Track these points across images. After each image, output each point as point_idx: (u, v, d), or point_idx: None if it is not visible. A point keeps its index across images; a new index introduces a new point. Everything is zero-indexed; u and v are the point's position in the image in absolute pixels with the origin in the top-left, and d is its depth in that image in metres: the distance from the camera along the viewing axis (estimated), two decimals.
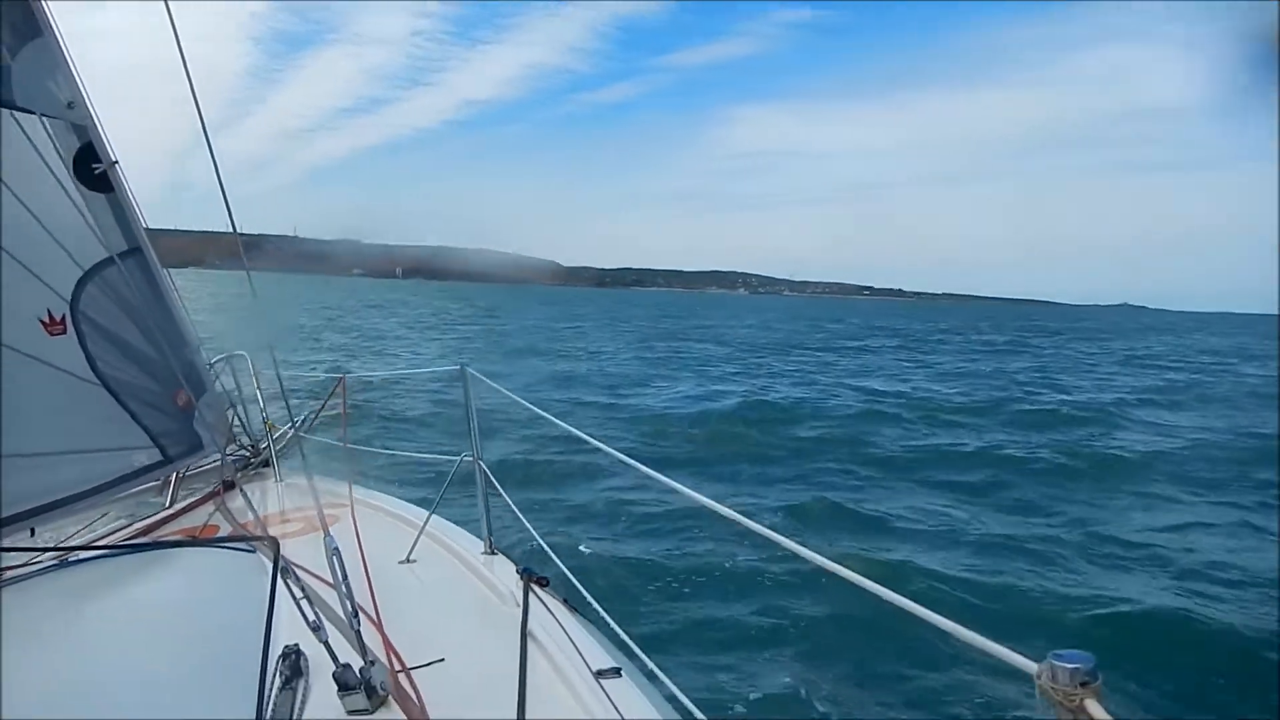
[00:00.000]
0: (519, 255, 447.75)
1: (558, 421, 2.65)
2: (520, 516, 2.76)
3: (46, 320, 2.92)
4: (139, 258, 3.17)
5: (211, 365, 3.78)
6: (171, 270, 3.40)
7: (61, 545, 3.03)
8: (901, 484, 9.87)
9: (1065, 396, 18.99)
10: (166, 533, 3.20)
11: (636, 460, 2.12)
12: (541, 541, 2.67)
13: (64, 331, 2.93)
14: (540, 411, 2.67)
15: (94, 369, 3.03)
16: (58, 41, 2.86)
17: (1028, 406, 16.73)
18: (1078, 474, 10.59)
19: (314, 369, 15.97)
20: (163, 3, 2.42)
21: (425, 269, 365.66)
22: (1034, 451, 11.81)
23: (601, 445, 2.34)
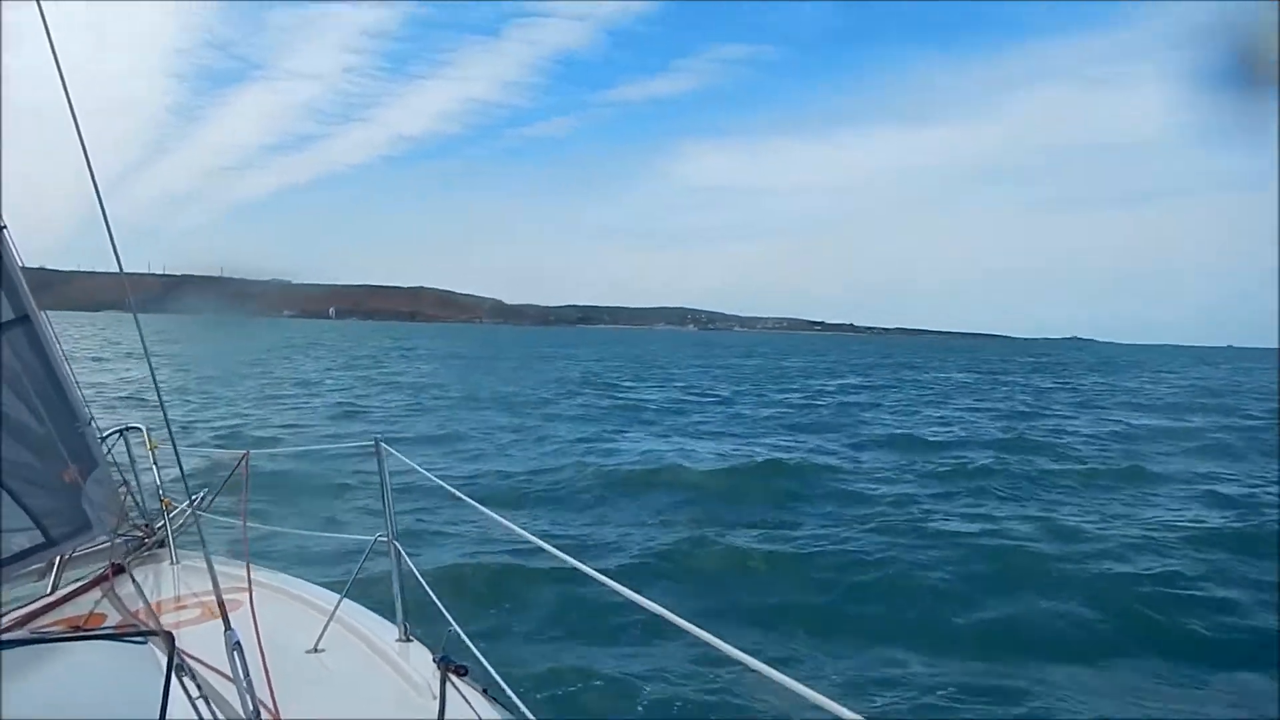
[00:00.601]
0: (458, 293, 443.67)
1: (476, 504, 2.62)
2: (436, 601, 2.70)
3: None
4: (27, 327, 3.02)
5: (104, 438, 3.61)
6: (89, 313, 3.24)
7: None
8: None
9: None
10: (47, 623, 3.04)
11: (559, 549, 2.10)
12: (459, 629, 2.62)
13: None
14: (456, 491, 2.63)
15: None
16: None
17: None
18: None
19: (216, 437, 15.63)
20: (47, 44, 2.34)
21: (360, 308, 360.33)
22: None
23: (517, 529, 2.30)
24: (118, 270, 2.59)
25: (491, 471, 13.44)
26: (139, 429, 3.91)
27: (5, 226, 2.86)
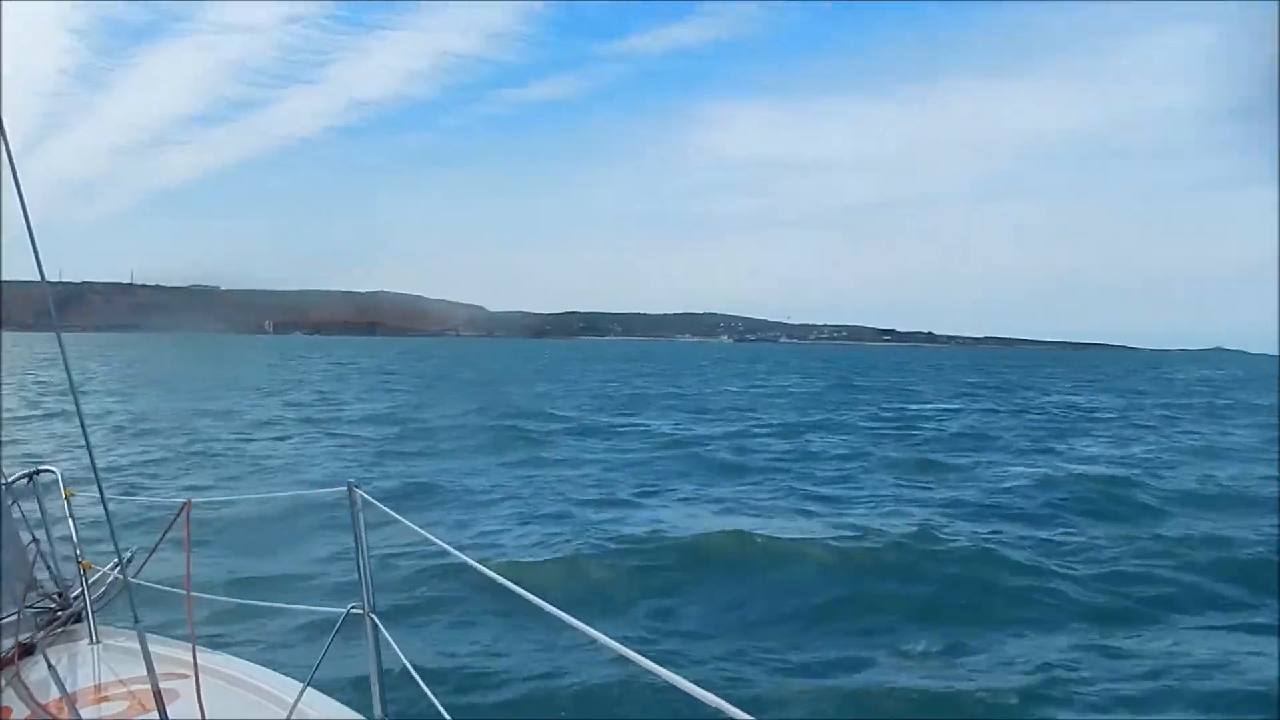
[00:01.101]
0: (428, 299, 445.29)
1: (477, 565, 2.71)
2: (422, 684, 2.78)
3: None
4: None
5: (8, 485, 3.74)
6: None
7: None
8: None
9: None
10: None
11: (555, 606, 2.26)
12: (445, 713, 2.70)
13: None
14: (442, 543, 2.73)
15: None
16: None
17: None
18: None
19: (151, 484, 15.91)
20: None
21: (305, 320, 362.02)
22: None
23: (512, 586, 2.40)
24: (33, 276, 2.72)
25: None
26: (51, 471, 3.93)
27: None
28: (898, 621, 9.68)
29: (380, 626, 2.97)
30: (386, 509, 3.33)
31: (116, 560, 3.48)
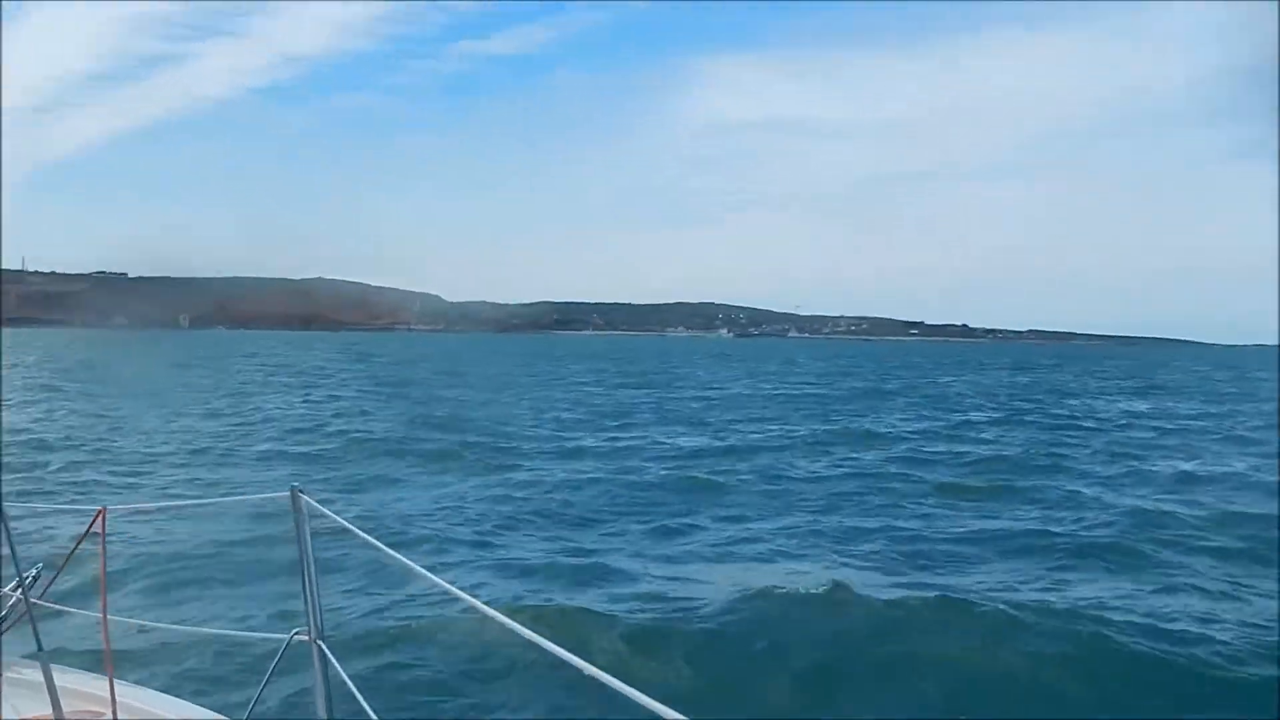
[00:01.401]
0: (374, 287, 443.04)
1: (411, 563, 2.75)
2: (367, 708, 2.79)
3: None
4: None
5: None
6: None
7: None
8: None
9: None
10: None
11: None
12: None
13: None
14: (387, 549, 2.77)
15: None
16: None
17: None
18: None
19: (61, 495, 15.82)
20: None
21: (227, 313, 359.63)
22: None
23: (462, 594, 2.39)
24: None
25: None
26: None
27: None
28: None
29: (329, 655, 2.99)
30: (339, 518, 3.39)
31: (17, 580, 3.48)
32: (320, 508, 3.30)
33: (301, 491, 3.22)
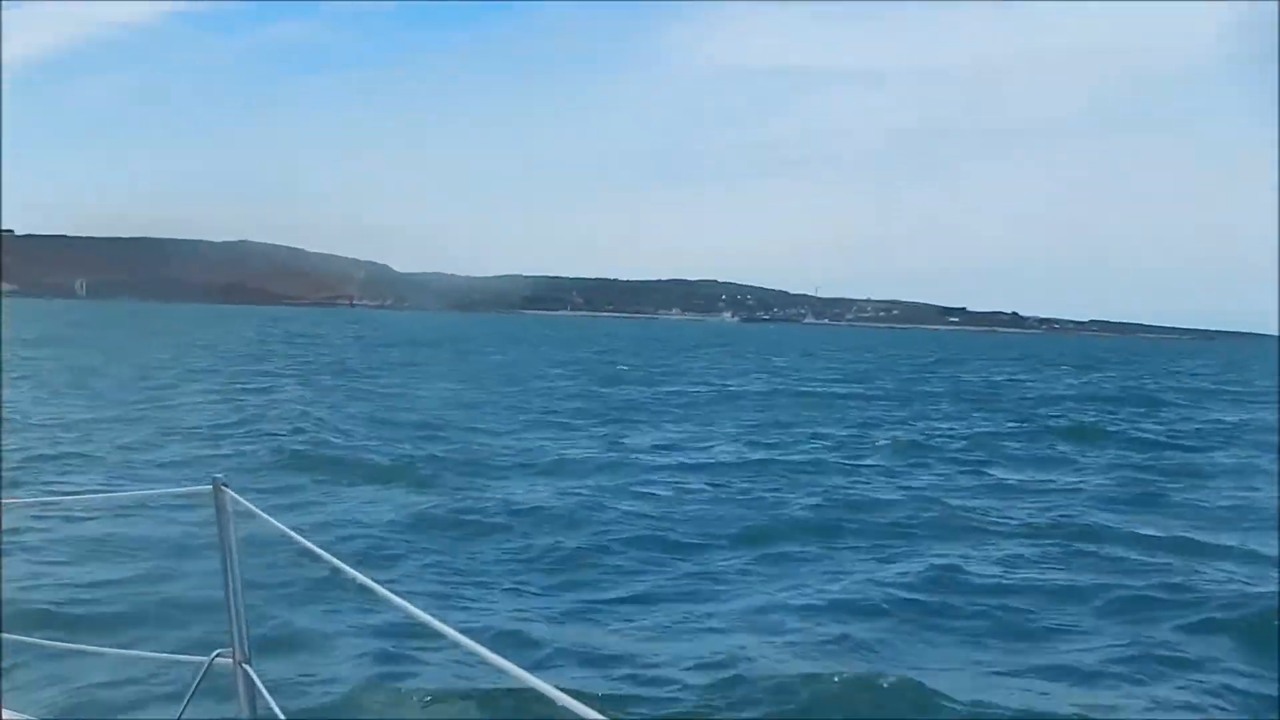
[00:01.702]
0: (310, 253, 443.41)
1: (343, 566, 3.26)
2: None
3: None
4: None
5: None
6: None
7: None
8: None
9: None
10: None
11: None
12: None
13: None
14: (325, 554, 3.26)
15: None
16: None
17: None
18: None
19: None
20: None
21: (134, 281, 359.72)
22: None
23: (414, 610, 2.89)
24: None
25: None
26: None
27: None
28: None
29: (254, 677, 3.16)
30: (270, 518, 3.57)
31: None
32: (247, 504, 3.51)
33: (225, 485, 3.38)
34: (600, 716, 2.30)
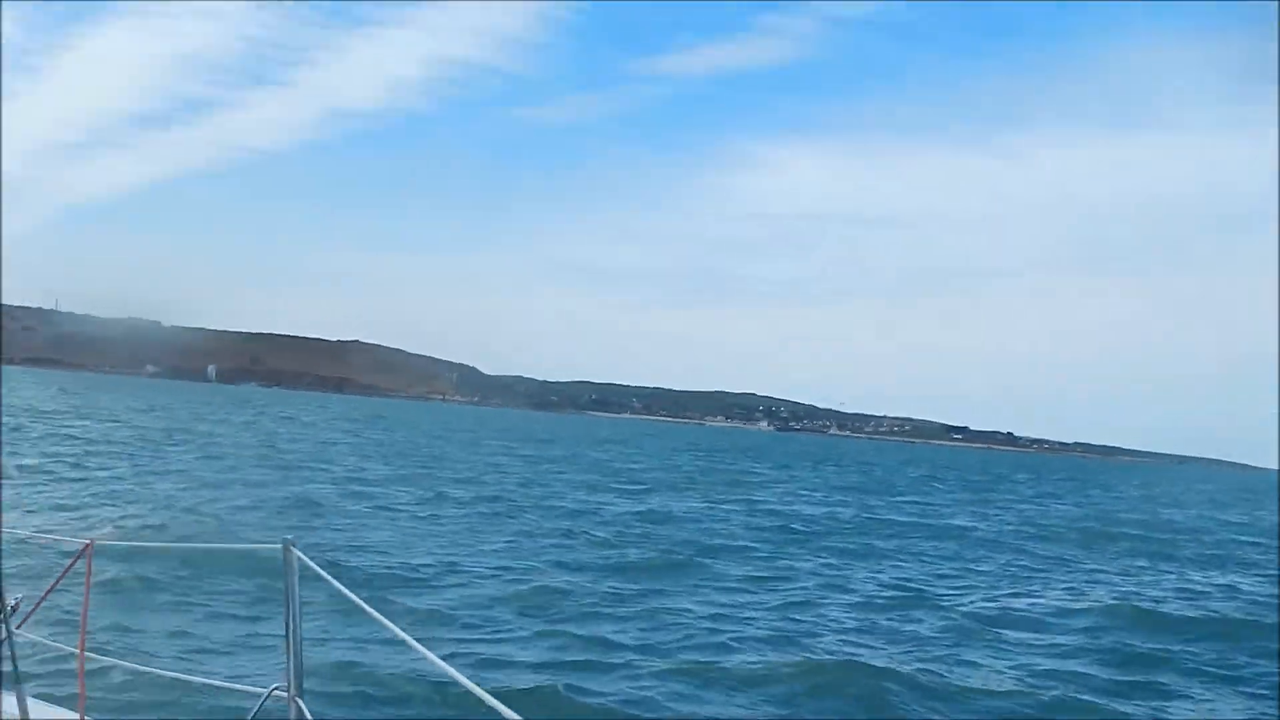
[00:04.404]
0: (410, 354, 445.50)
1: (419, 645, 2.75)
2: None
3: None
4: None
5: None
6: None
7: None
8: None
9: None
10: None
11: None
12: None
13: None
14: (375, 613, 2.74)
15: None
16: None
17: None
18: None
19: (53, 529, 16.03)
20: None
21: (258, 368, 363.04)
22: None
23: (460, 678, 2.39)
24: None
25: None
26: None
27: None
28: None
29: (306, 713, 3.06)
30: (328, 576, 3.50)
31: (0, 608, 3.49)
32: (312, 564, 3.43)
33: (293, 545, 3.27)
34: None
